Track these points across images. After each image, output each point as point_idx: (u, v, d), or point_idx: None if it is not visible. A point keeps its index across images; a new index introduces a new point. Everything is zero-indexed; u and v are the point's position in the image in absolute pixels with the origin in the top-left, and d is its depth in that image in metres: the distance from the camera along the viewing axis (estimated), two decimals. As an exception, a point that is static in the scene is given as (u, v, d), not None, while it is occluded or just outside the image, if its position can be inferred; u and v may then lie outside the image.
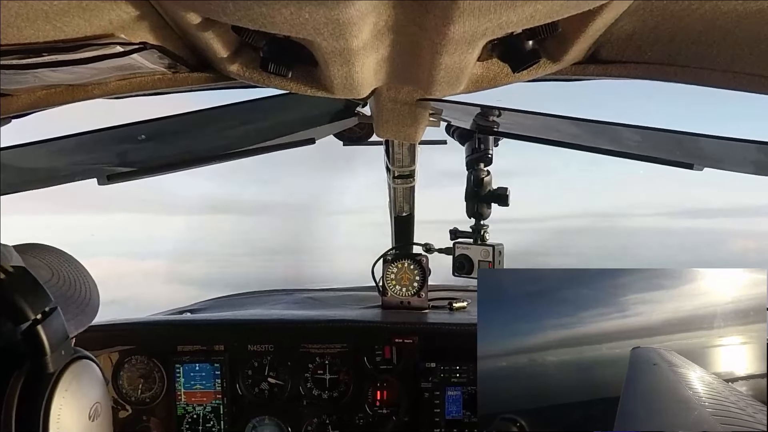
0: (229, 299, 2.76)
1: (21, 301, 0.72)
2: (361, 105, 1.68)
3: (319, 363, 2.03)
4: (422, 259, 2.28)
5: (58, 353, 0.75)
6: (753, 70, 1.01)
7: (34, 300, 0.73)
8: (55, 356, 0.74)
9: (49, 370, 0.74)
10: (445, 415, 1.95)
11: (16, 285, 0.72)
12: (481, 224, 2.16)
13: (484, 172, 2.12)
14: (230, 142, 1.91)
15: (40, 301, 0.74)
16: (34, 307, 0.73)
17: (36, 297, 0.74)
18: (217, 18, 0.83)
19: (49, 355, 0.73)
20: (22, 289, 0.73)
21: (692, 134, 1.33)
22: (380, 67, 1.05)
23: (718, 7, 0.85)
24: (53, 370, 0.74)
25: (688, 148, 1.54)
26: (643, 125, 1.33)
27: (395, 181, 2.37)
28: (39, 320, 0.72)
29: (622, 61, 1.09)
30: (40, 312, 0.73)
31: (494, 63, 1.11)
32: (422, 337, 1.99)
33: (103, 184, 1.82)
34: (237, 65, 1.06)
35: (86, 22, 0.84)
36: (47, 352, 0.73)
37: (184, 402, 2.02)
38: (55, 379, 0.74)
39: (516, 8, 0.77)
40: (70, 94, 1.19)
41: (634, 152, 1.69)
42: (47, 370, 0.74)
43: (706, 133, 1.30)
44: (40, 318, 0.72)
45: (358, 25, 0.81)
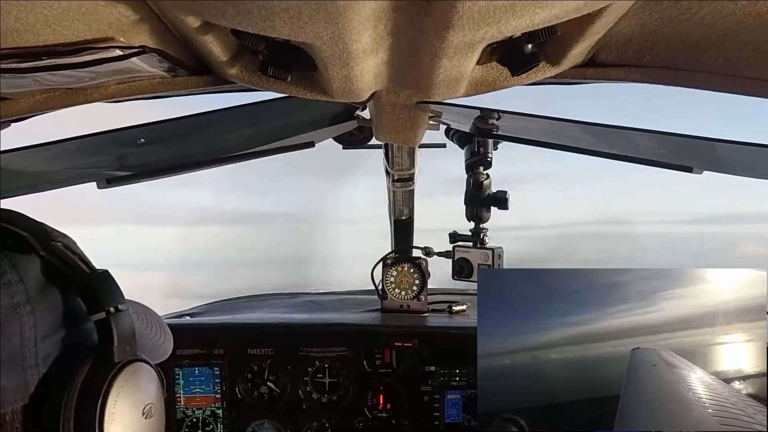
0: (228, 303, 2.75)
1: (99, 292, 0.79)
2: (361, 108, 1.68)
3: (318, 366, 2.03)
4: (422, 263, 2.28)
5: (123, 348, 0.81)
6: (752, 74, 1.01)
7: (110, 295, 0.80)
8: (120, 349, 0.80)
9: (113, 359, 0.79)
10: (444, 418, 1.95)
11: (99, 280, 0.79)
12: (480, 228, 2.17)
13: (483, 175, 2.12)
14: (230, 145, 1.91)
15: (116, 297, 0.80)
16: (109, 300, 0.79)
17: (112, 292, 0.80)
18: (217, 22, 0.83)
19: (116, 346, 0.79)
20: (104, 285, 0.80)
21: (691, 137, 1.32)
22: (380, 70, 1.05)
23: (718, 10, 0.85)
24: (116, 361, 0.80)
25: (687, 152, 1.54)
26: (642, 128, 1.33)
27: (394, 185, 2.37)
28: (112, 313, 0.78)
29: (621, 64, 1.09)
30: (114, 306, 0.79)
31: (494, 66, 1.11)
32: (422, 341, 1.99)
33: (102, 187, 1.82)
34: (236, 69, 1.07)
35: (86, 26, 0.84)
36: (114, 344, 0.79)
37: (183, 406, 2.02)
38: (116, 372, 0.79)
39: (515, 13, 0.77)
40: (69, 97, 1.19)
41: (633, 155, 1.69)
42: (111, 359, 0.79)
43: (705, 136, 1.30)
44: (113, 311, 0.79)
45: (357, 29, 0.81)
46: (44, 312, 0.74)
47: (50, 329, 0.75)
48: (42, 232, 0.78)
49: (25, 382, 0.73)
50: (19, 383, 0.72)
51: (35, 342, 0.73)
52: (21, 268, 0.73)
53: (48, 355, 0.76)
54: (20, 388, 0.73)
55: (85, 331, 0.81)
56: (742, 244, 3.93)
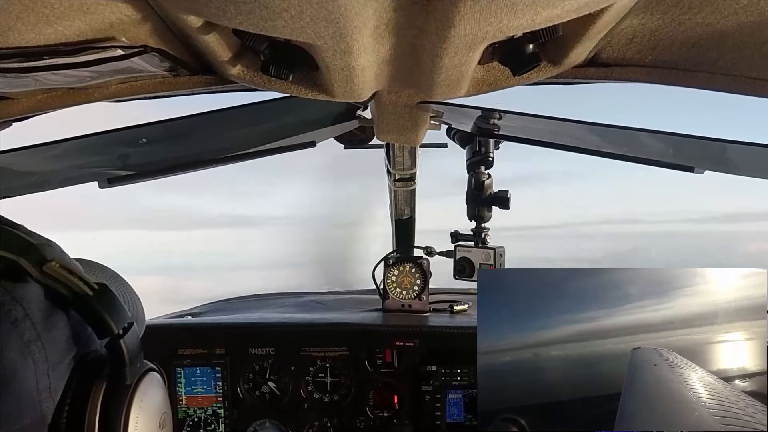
0: (229, 303, 2.76)
1: (106, 316, 0.76)
2: (362, 108, 1.68)
3: (320, 366, 2.03)
4: (423, 262, 2.28)
5: (135, 366, 0.79)
6: (754, 74, 1.01)
7: (117, 315, 0.77)
8: (132, 368, 0.79)
9: (127, 381, 0.78)
10: (446, 418, 1.95)
11: (102, 301, 0.76)
12: (482, 227, 2.17)
13: (484, 175, 2.12)
14: (231, 145, 1.91)
15: (122, 316, 0.78)
16: (117, 321, 0.76)
17: (118, 312, 0.77)
18: (218, 21, 0.83)
19: (128, 367, 0.78)
20: (107, 304, 0.76)
21: (692, 137, 1.33)
22: (381, 70, 1.05)
23: (719, 10, 0.85)
24: (130, 381, 0.78)
25: (688, 151, 1.54)
26: (644, 128, 1.34)
27: (396, 184, 2.37)
28: (120, 335, 0.76)
29: (623, 64, 1.09)
30: (122, 328, 0.77)
31: (495, 66, 1.11)
32: (423, 340, 1.99)
33: (103, 187, 1.82)
34: (238, 68, 1.07)
35: (87, 26, 0.84)
36: (126, 364, 0.77)
37: (185, 406, 2.02)
38: (132, 390, 0.78)
39: (517, 12, 0.77)
40: (70, 97, 1.19)
41: (634, 155, 1.69)
42: (125, 381, 0.78)
43: (707, 135, 1.30)
44: (121, 333, 0.76)
45: (358, 28, 0.81)
46: (53, 343, 0.72)
47: (59, 357, 0.74)
48: (33, 251, 0.72)
49: (42, 416, 0.71)
50: (36, 419, 0.71)
51: (48, 375, 0.71)
52: (24, 301, 0.69)
53: (59, 381, 0.74)
54: (38, 423, 0.71)
55: (92, 351, 0.80)
56: (746, 242, 3.93)
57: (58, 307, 0.74)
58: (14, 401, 0.66)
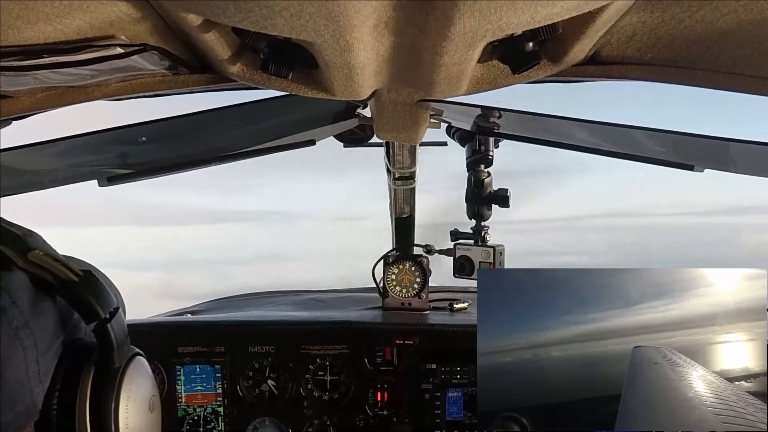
0: (229, 301, 2.76)
1: (93, 301, 0.77)
2: (362, 106, 1.68)
3: (319, 364, 2.03)
4: (423, 261, 2.28)
5: (122, 350, 0.81)
6: (753, 72, 1.01)
7: (103, 300, 0.78)
8: (120, 353, 0.80)
9: (115, 365, 0.79)
10: (445, 416, 1.95)
11: (88, 287, 0.77)
12: (481, 225, 2.17)
13: (484, 173, 2.12)
14: (231, 143, 1.91)
15: (108, 301, 0.79)
16: (104, 307, 0.78)
17: (104, 298, 0.79)
18: (218, 20, 0.83)
19: (116, 351, 0.79)
20: (93, 290, 0.78)
21: (693, 135, 1.33)
22: (380, 68, 1.05)
23: (719, 8, 0.85)
24: (119, 365, 0.80)
25: (688, 150, 1.54)
26: (643, 126, 1.34)
27: (396, 183, 2.37)
28: (107, 319, 0.77)
29: (623, 62, 1.09)
30: (108, 312, 0.78)
31: (495, 64, 1.11)
32: (423, 339, 1.99)
33: (103, 185, 1.82)
34: (238, 67, 1.07)
35: (87, 24, 0.84)
36: (114, 348, 0.79)
37: (184, 403, 2.02)
38: (121, 374, 0.80)
39: (516, 10, 0.77)
40: (70, 95, 1.19)
41: (634, 153, 1.69)
42: (114, 365, 0.79)
43: (707, 134, 1.30)
44: (108, 317, 0.78)
45: (358, 26, 0.81)
46: (41, 330, 0.73)
47: (48, 344, 0.75)
48: (16, 240, 0.73)
49: (33, 402, 0.73)
50: (28, 405, 0.72)
51: (37, 361, 0.72)
52: (11, 288, 0.70)
53: (48, 367, 0.75)
54: (30, 409, 0.72)
55: (79, 335, 0.81)
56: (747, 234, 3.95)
57: (45, 294, 0.75)
58: (7, 389, 0.67)
